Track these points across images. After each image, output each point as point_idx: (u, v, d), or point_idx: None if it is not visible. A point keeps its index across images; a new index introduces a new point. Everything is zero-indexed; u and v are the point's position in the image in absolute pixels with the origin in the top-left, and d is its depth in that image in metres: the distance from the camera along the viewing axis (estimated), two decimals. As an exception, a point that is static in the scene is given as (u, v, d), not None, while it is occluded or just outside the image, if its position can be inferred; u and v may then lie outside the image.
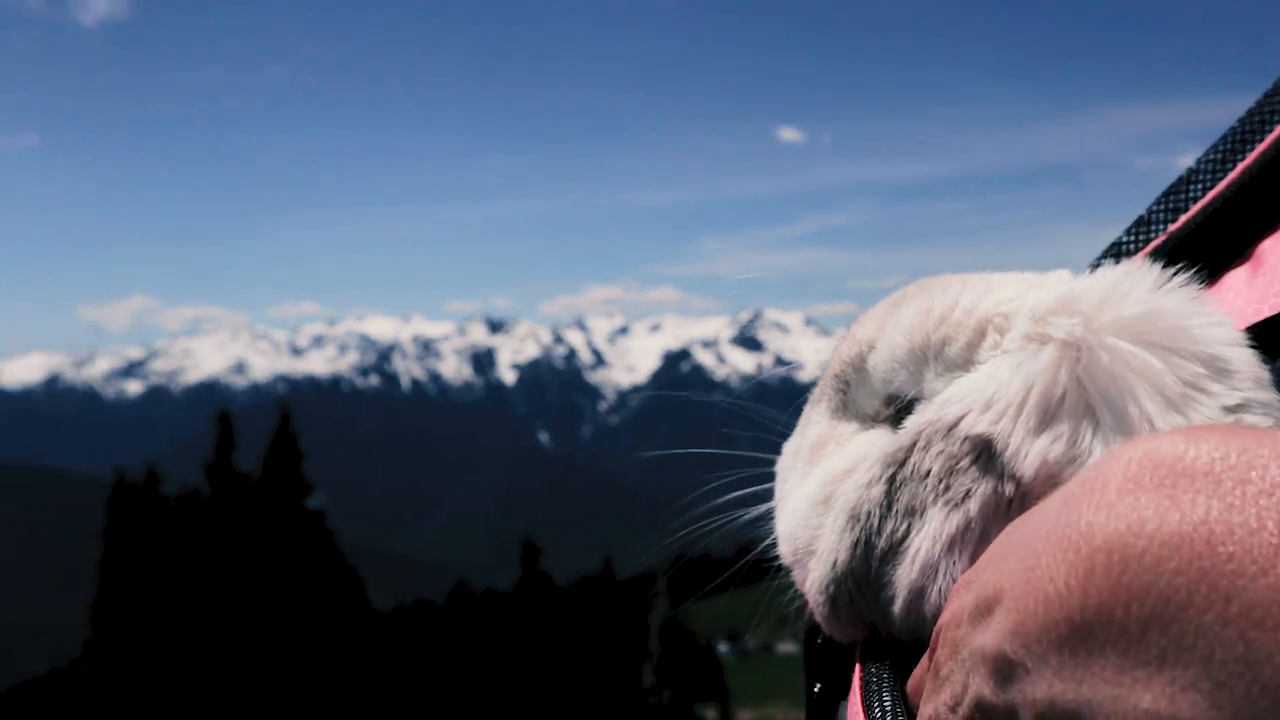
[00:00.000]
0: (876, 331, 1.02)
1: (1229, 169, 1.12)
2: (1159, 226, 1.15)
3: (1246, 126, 1.13)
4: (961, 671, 0.75)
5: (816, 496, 0.99)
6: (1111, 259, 1.13)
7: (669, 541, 1.25)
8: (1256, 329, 0.96)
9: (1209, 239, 1.11)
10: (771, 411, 1.18)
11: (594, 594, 41.08)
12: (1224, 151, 1.14)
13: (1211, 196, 1.12)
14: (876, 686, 0.91)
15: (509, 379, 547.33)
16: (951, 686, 0.76)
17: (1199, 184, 1.14)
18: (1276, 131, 1.09)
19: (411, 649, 34.03)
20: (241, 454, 30.58)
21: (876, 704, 0.90)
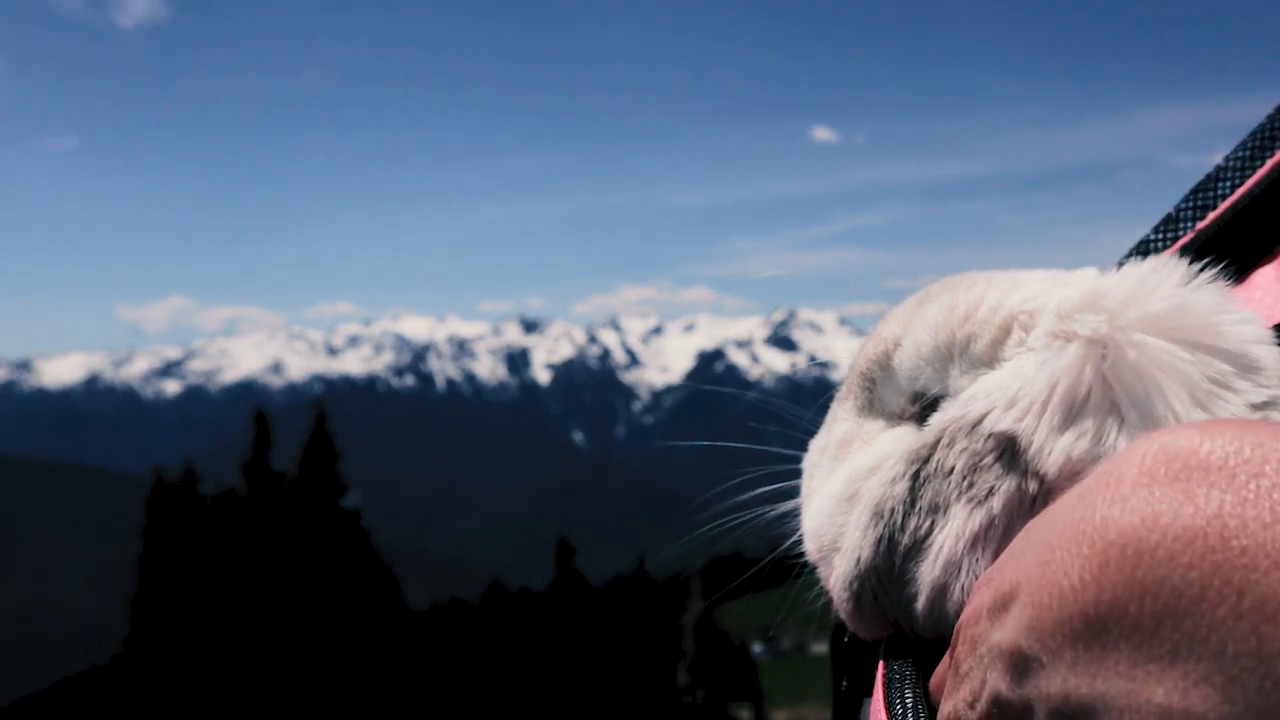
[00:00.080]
0: (902, 329, 1.02)
1: (1258, 166, 1.12)
2: (1187, 224, 1.14)
3: (1275, 123, 1.13)
4: (980, 668, 0.75)
5: (841, 494, 0.99)
6: (1139, 257, 1.11)
7: (700, 534, 1.25)
8: None
9: (1237, 236, 1.10)
10: (804, 411, 1.18)
11: (628, 593, 41.09)
12: (1253, 149, 1.13)
13: (1240, 194, 1.11)
14: (899, 683, 0.91)
15: (543, 379, 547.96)
16: (970, 683, 0.76)
17: (1227, 181, 1.13)
18: None
19: (446, 648, 34.15)
20: (278, 453, 30.75)
21: (898, 701, 0.90)
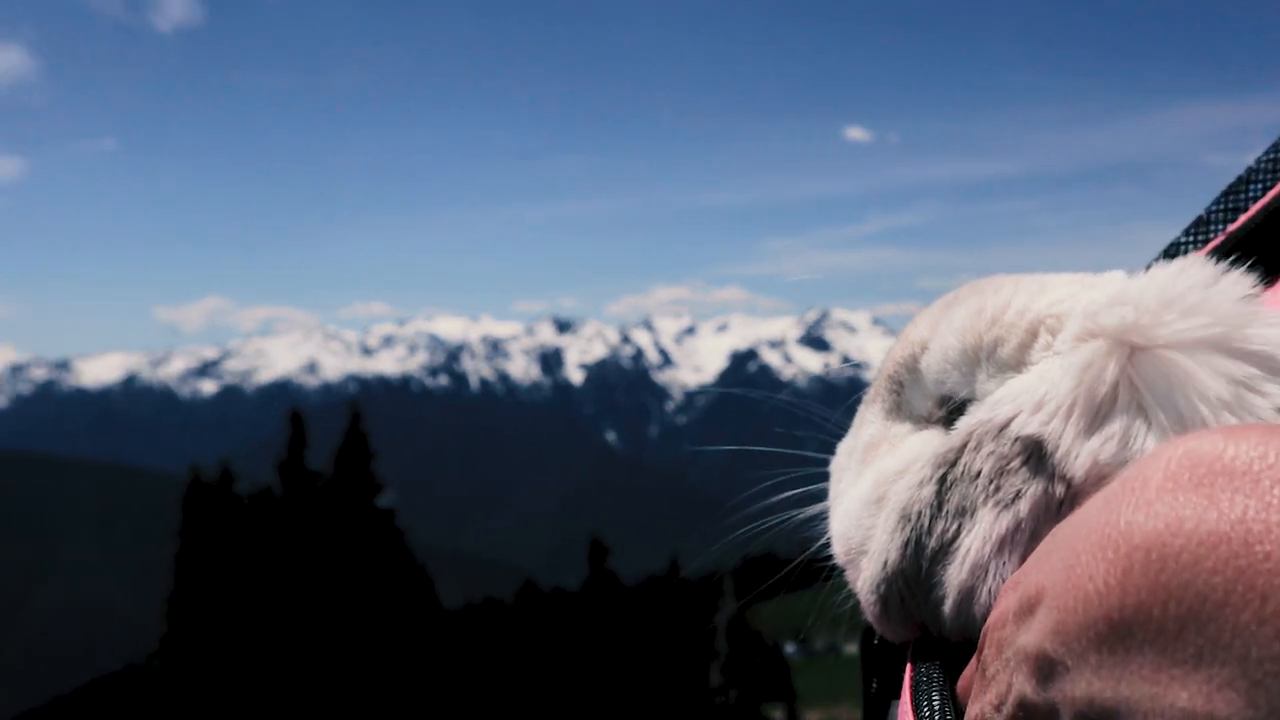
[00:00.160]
0: (929, 333, 1.02)
1: None
2: (1217, 226, 1.13)
3: None
4: (1006, 671, 0.76)
5: (869, 497, 0.99)
6: (1169, 260, 1.08)
7: (733, 536, 1.25)
8: None
9: (1268, 239, 1.09)
10: (838, 414, 1.19)
11: (661, 593, 41.05)
12: None
13: (1271, 196, 1.10)
14: (926, 686, 0.91)
15: (576, 379, 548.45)
16: (997, 686, 0.76)
17: (1259, 184, 1.12)
18: None
19: (480, 647, 34.25)
20: (313, 453, 30.89)
21: (925, 704, 0.90)
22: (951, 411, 0.97)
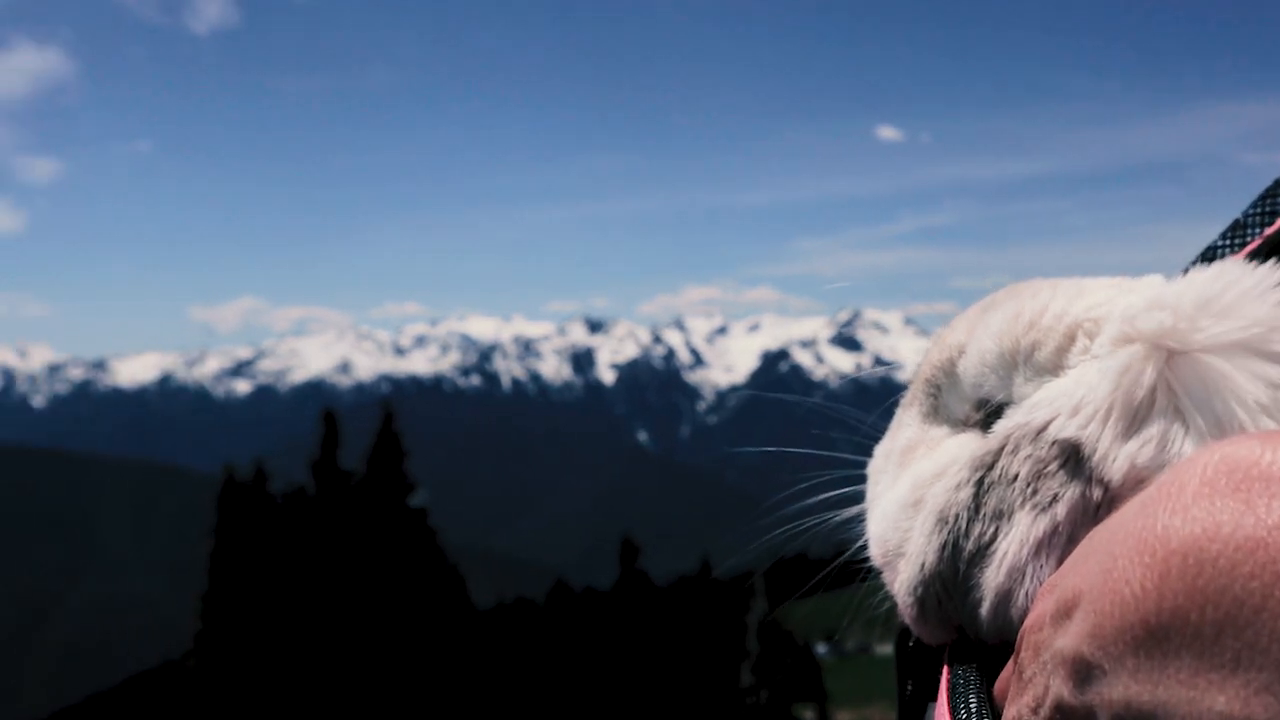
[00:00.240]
0: (967, 336, 1.02)
1: None
2: (1254, 230, 1.11)
3: None
4: (1043, 674, 0.76)
5: (906, 499, 1.00)
6: (1206, 263, 1.07)
7: (765, 538, 1.26)
8: None
9: None
10: (869, 415, 1.19)
11: (692, 593, 41.02)
12: None
13: None
14: (963, 688, 0.92)
15: (608, 379, 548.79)
16: (1034, 689, 0.77)
17: None
18: None
19: (511, 646, 34.31)
20: (346, 452, 30.97)
21: (962, 706, 0.90)
22: (989, 415, 0.97)
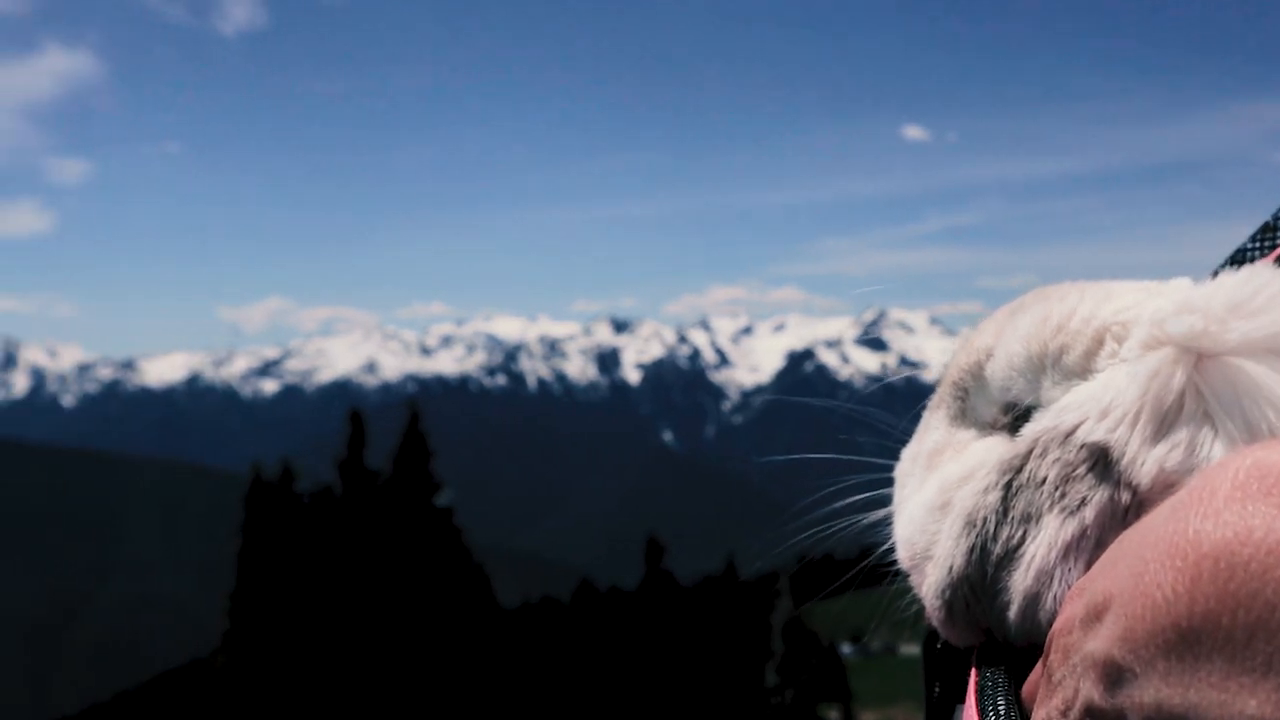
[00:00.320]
0: (994, 340, 1.01)
1: None
2: None
3: None
4: (1073, 677, 0.76)
5: (934, 502, 1.00)
6: (1235, 266, 1.09)
7: (792, 542, 1.26)
8: None
9: None
10: (894, 417, 1.18)
11: (717, 593, 40.99)
12: None
13: None
14: (991, 691, 0.92)
15: (633, 379, 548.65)
16: (1063, 691, 0.77)
17: None
18: None
19: (536, 645, 34.37)
20: (372, 452, 31.04)
21: (991, 708, 0.90)
22: (1017, 418, 0.97)
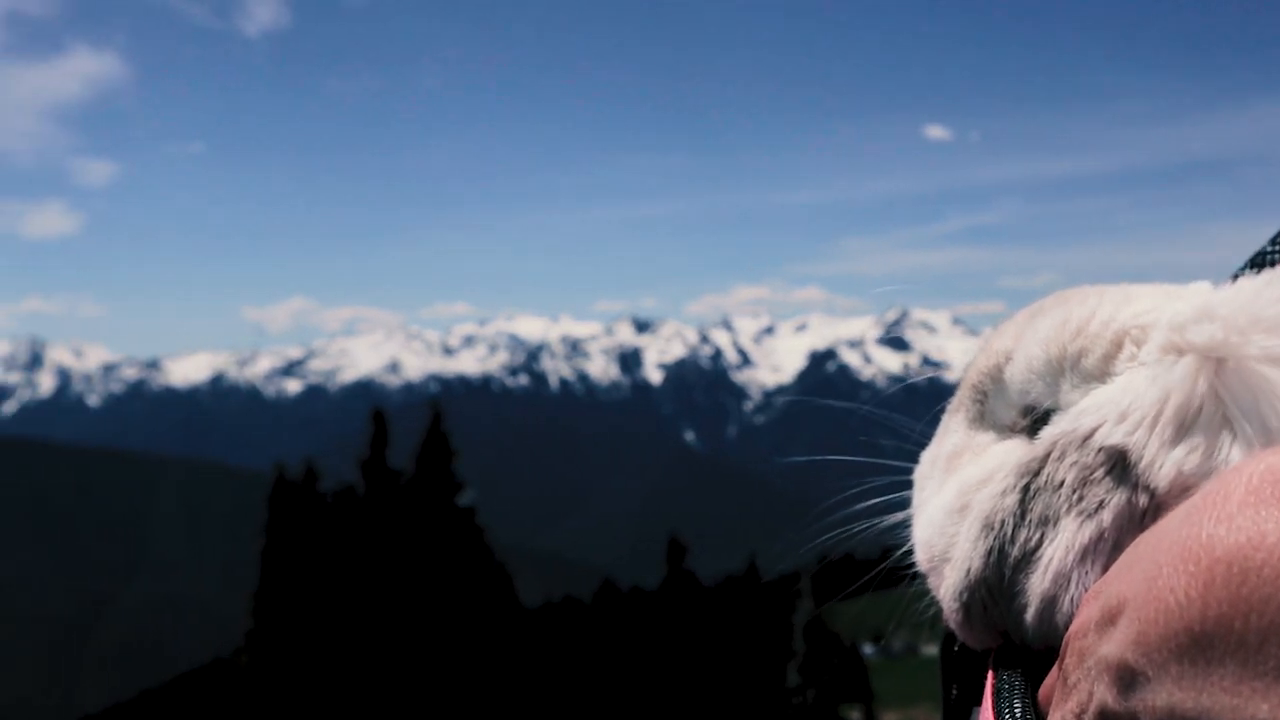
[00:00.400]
0: (1014, 343, 1.01)
1: None
2: None
3: None
4: (1087, 680, 0.76)
5: (952, 505, 1.00)
6: (1254, 270, 1.09)
7: (814, 542, 1.26)
8: None
9: None
10: (916, 419, 1.18)
11: (739, 593, 40.95)
12: None
13: None
14: (1008, 693, 0.92)
15: (655, 378, 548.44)
16: (1078, 694, 0.77)
17: None
18: None
19: (558, 645, 34.40)
20: (395, 451, 31.09)
21: (1007, 710, 0.90)
22: (1035, 421, 0.97)
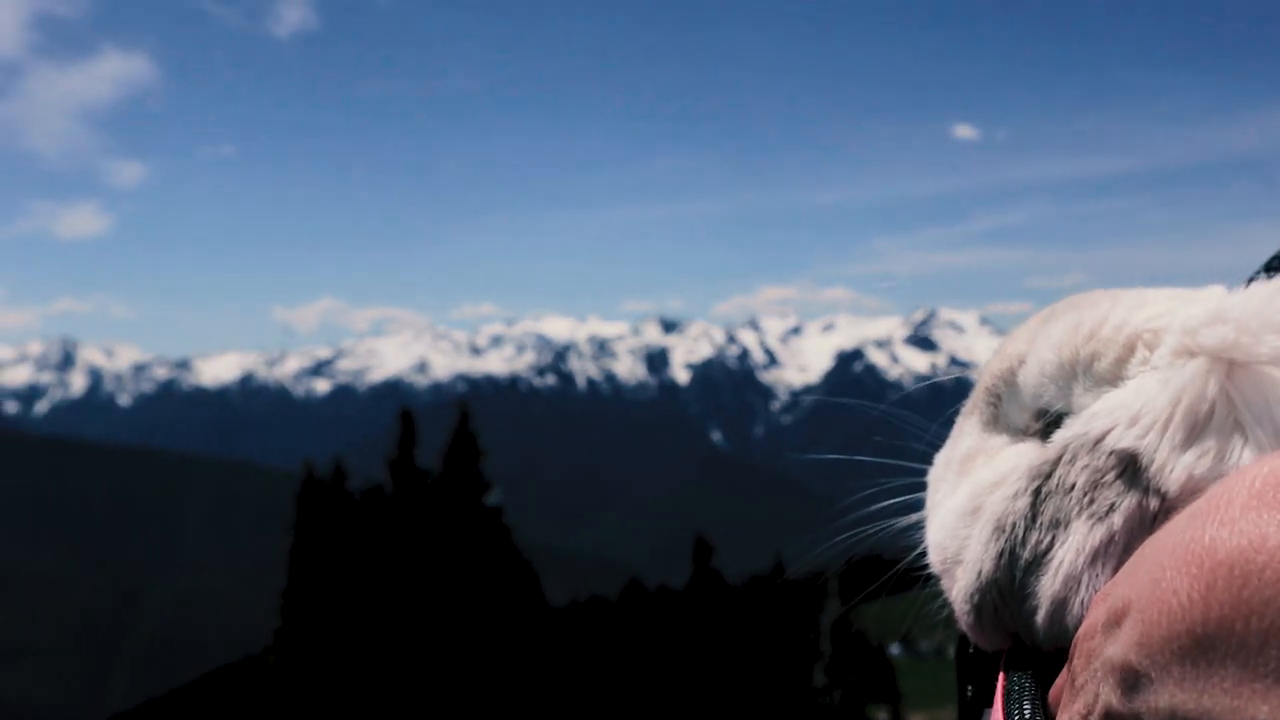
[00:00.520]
0: (1027, 347, 1.02)
1: None
2: None
3: None
4: (1093, 681, 0.77)
5: (965, 507, 1.00)
6: (1270, 274, 1.08)
7: (840, 541, 1.27)
8: None
9: None
10: (938, 422, 1.19)
11: (765, 593, 40.86)
12: None
13: None
14: (1018, 695, 0.92)
15: (682, 378, 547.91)
16: (1085, 696, 0.78)
17: None
18: None
19: (585, 644, 34.43)
20: (423, 451, 31.14)
21: (1016, 712, 0.91)
22: (1048, 425, 0.97)
